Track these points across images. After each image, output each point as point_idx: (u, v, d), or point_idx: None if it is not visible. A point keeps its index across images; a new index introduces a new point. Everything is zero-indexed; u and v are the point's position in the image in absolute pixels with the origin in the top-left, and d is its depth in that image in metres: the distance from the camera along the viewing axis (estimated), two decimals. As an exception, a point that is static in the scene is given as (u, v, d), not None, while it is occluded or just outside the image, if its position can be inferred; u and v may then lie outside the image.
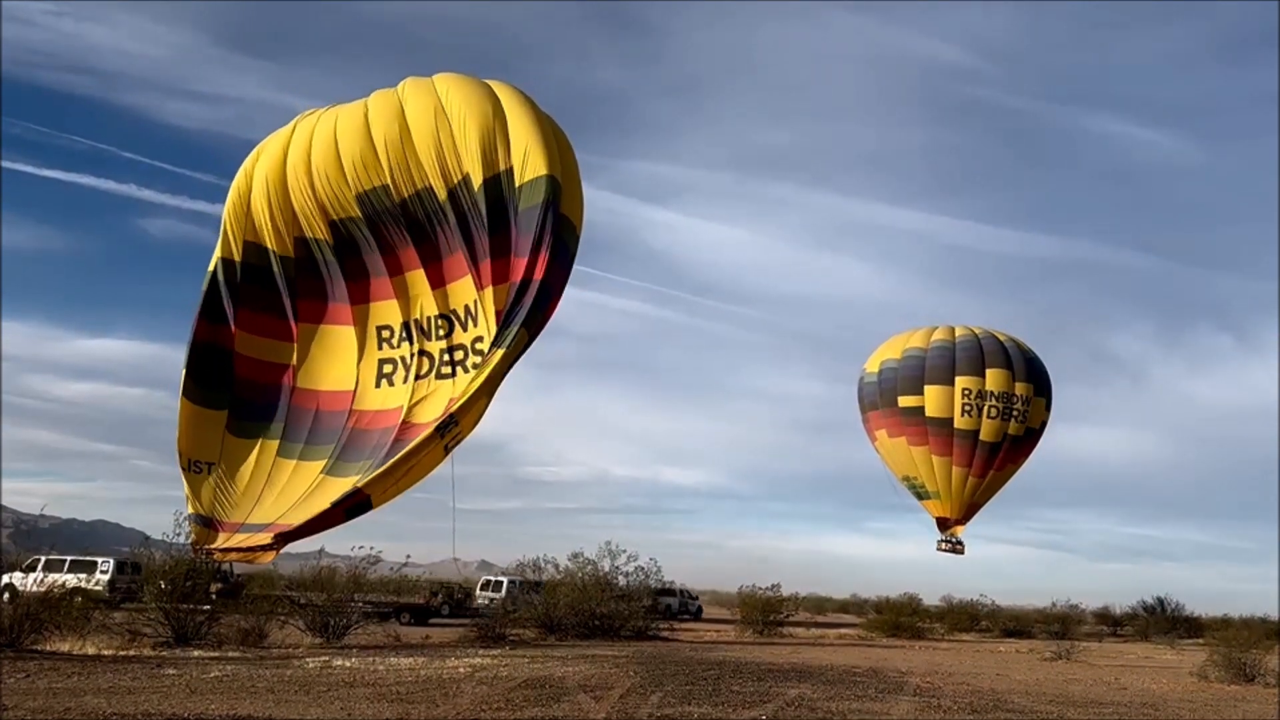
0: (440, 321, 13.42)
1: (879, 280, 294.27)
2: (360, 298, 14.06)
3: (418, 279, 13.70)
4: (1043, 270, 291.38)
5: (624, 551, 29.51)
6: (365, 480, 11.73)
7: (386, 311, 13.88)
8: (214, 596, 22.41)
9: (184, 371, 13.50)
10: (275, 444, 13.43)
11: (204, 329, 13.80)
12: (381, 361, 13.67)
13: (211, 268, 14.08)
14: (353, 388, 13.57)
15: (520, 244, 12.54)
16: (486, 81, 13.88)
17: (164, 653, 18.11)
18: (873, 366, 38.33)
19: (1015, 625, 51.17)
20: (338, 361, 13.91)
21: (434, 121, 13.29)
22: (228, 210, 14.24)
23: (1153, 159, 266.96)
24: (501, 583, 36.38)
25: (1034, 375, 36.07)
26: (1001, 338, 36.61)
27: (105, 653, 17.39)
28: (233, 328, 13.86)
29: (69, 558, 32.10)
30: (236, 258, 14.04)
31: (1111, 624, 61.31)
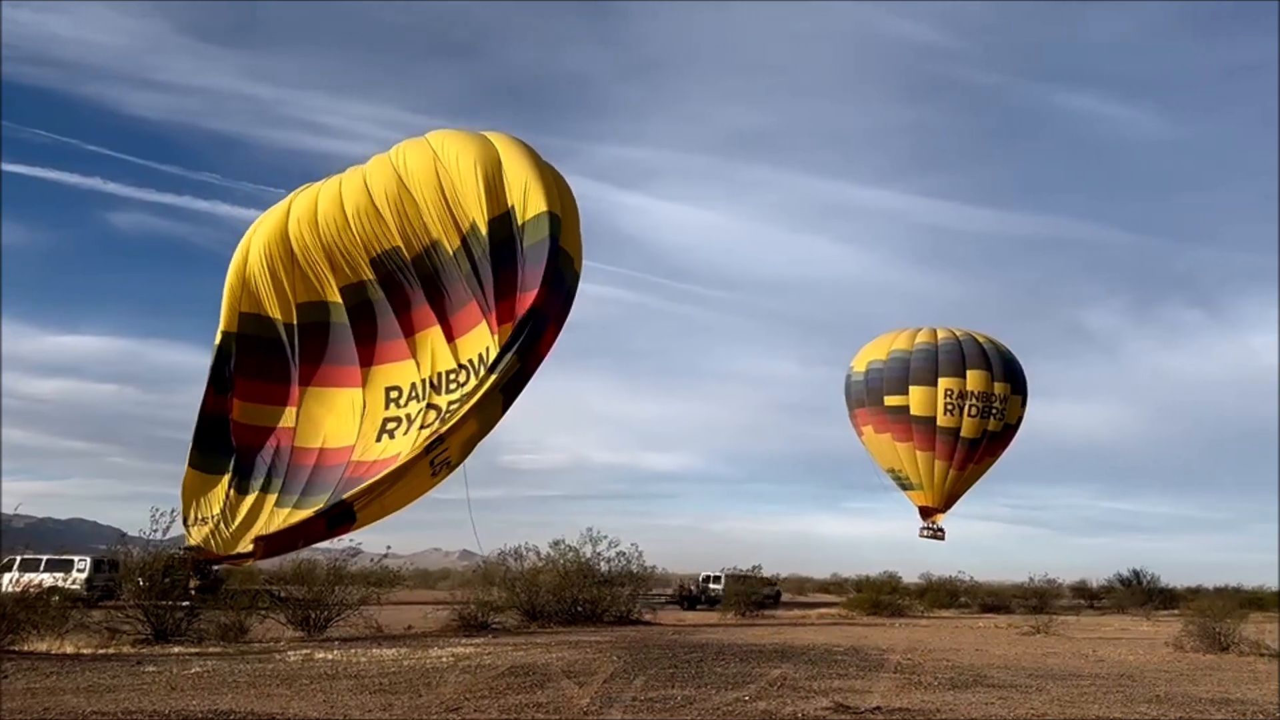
0: (452, 375, 13.43)
1: (855, 261, 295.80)
2: (369, 360, 14.14)
3: (433, 336, 13.76)
4: (1018, 247, 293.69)
5: (605, 537, 29.61)
6: (350, 493, 11.74)
7: (398, 373, 13.94)
8: (193, 592, 22.27)
9: (191, 443, 13.85)
10: (273, 497, 13.56)
11: (210, 400, 14.12)
12: (386, 419, 13.72)
13: (216, 342, 14.43)
14: (353, 443, 13.63)
15: (527, 280, 12.66)
16: (481, 133, 14.07)
17: (143, 650, 18.01)
18: (860, 366, 40.36)
19: (994, 601, 51.79)
20: (340, 422, 13.98)
21: (434, 175, 13.48)
22: (226, 284, 14.58)
23: (1123, 134, 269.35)
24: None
25: (1011, 375, 38.28)
26: (981, 340, 38.77)
27: (84, 651, 17.26)
28: (232, 397, 14.14)
29: (45, 557, 31.79)
30: (234, 330, 14.35)
31: (1088, 597, 62.11)
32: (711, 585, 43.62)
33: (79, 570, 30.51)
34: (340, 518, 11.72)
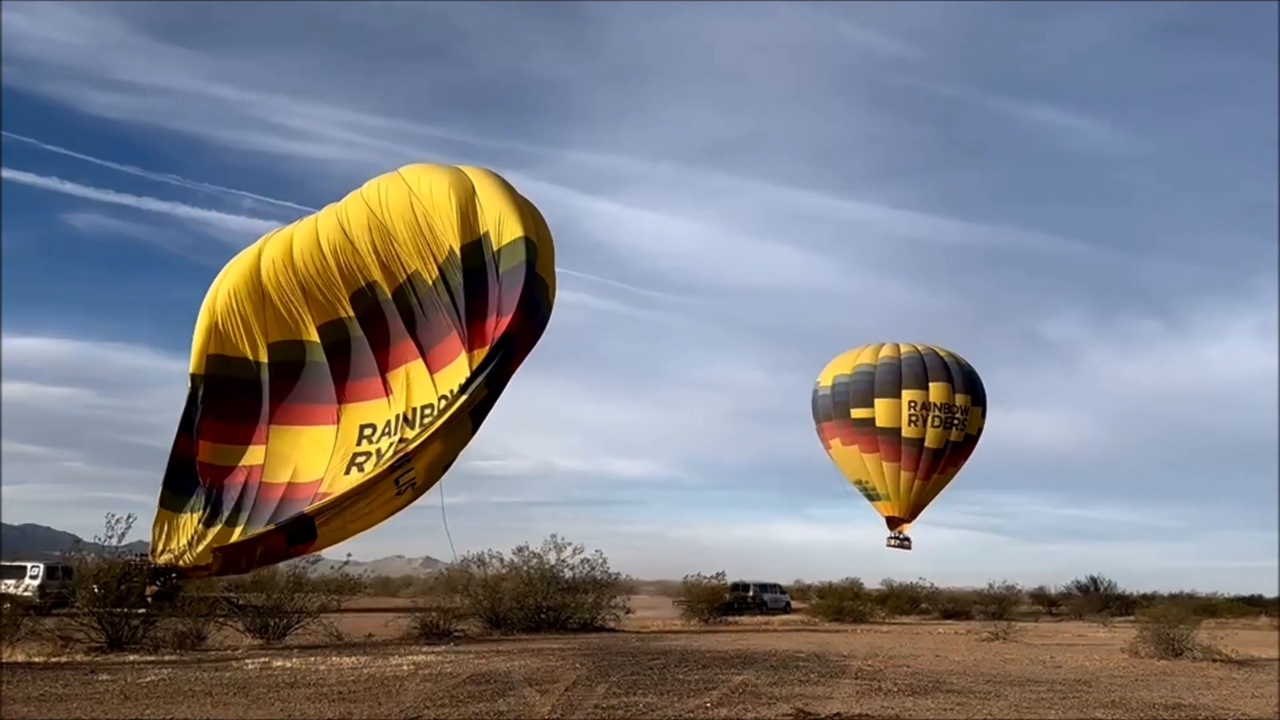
0: (428, 410, 13.39)
1: (820, 269, 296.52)
2: (343, 398, 14.16)
3: (412, 370, 13.79)
4: (979, 258, 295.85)
5: (569, 544, 29.54)
6: (311, 507, 11.66)
7: (371, 411, 13.94)
8: (150, 599, 21.92)
9: (161, 484, 13.86)
10: (240, 528, 13.51)
11: (181, 443, 14.16)
12: (356, 454, 13.71)
13: (190, 385, 14.45)
14: (321, 476, 13.59)
15: (503, 304, 12.71)
16: (455, 165, 14.12)
17: (98, 658, 17.71)
18: (826, 380, 41.30)
19: (954, 607, 52.33)
20: (309, 457, 13.97)
21: (410, 208, 13.53)
22: (196, 327, 14.61)
23: (1083, 147, 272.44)
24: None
25: (971, 387, 39.49)
26: (942, 353, 40.00)
27: (36, 660, 16.93)
28: (198, 440, 14.14)
29: (-3, 563, 31.20)
30: (201, 371, 14.34)
31: (1047, 604, 62.88)
32: (748, 594, 47.91)
33: (32, 576, 29.94)
34: (300, 533, 11.63)
